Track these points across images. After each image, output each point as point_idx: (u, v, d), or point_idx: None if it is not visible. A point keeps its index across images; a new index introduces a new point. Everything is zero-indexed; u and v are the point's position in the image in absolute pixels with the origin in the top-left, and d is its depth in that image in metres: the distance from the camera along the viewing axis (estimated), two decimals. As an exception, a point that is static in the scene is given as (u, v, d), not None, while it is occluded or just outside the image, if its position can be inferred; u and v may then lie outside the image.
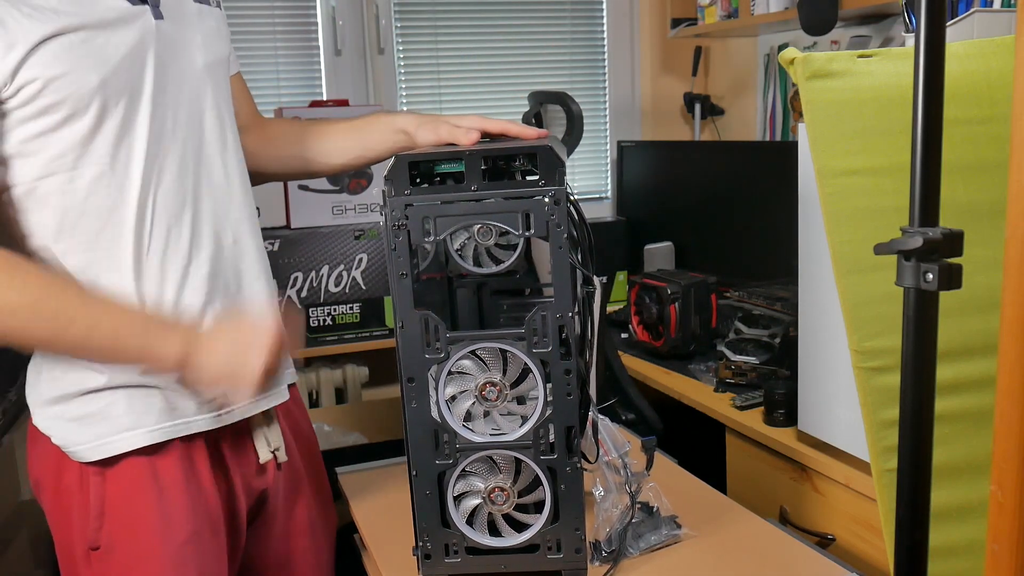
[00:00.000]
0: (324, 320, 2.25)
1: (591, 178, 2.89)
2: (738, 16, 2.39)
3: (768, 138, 2.65)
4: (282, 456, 1.19)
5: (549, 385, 1.03)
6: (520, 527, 1.08)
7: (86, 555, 1.08)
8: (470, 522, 1.08)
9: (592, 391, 1.14)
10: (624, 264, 2.63)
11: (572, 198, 1.05)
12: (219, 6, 1.20)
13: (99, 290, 1.04)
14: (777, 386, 1.65)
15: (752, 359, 1.82)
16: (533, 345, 1.02)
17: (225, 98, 1.17)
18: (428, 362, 1.04)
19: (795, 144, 1.68)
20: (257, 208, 2.33)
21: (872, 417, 1.08)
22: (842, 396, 1.44)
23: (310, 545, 1.25)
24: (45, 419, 1.09)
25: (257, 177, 1.34)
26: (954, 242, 0.74)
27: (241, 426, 1.15)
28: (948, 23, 1.04)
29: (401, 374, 1.05)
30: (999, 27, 1.42)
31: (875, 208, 1.07)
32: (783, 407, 1.63)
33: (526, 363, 1.03)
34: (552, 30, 2.76)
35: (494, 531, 1.08)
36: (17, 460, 1.88)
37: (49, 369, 1.08)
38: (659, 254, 2.54)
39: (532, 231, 1.01)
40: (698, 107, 2.78)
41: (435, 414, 1.05)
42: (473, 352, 1.03)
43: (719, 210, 2.44)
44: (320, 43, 2.54)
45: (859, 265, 1.07)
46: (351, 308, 2.27)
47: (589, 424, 1.13)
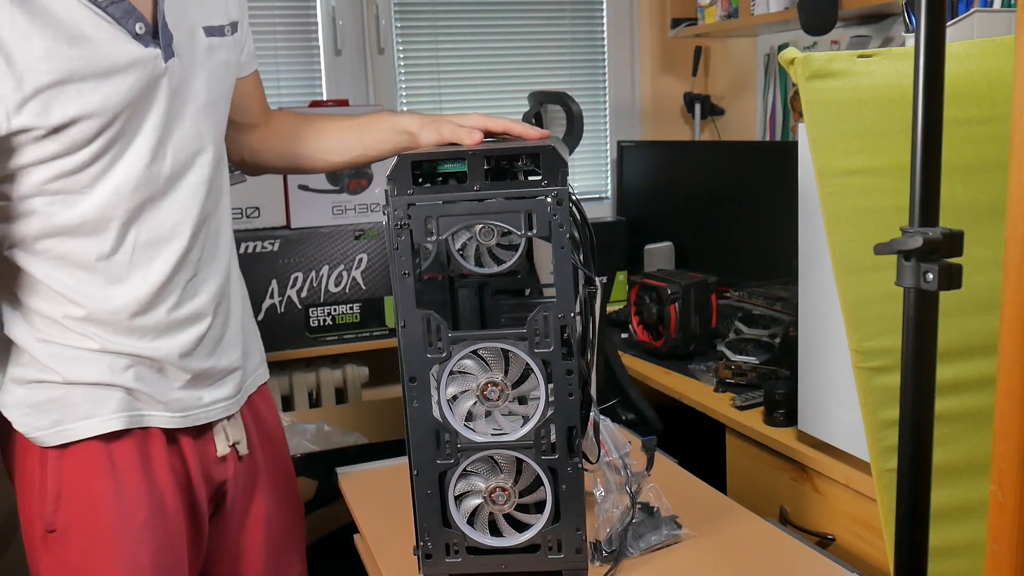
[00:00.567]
0: (324, 320, 2.25)
1: (591, 178, 2.89)
2: (738, 16, 2.39)
3: (768, 138, 2.65)
4: (242, 449, 1.22)
5: (551, 385, 1.04)
6: (521, 527, 1.08)
7: (43, 538, 1.10)
8: (471, 522, 1.08)
9: (592, 391, 1.14)
10: (624, 264, 2.63)
11: (574, 198, 1.05)
12: (235, 30, 1.18)
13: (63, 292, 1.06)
14: (777, 386, 1.65)
15: (752, 359, 1.82)
16: (535, 345, 1.02)
17: (221, 127, 1.18)
18: (430, 362, 1.04)
19: (795, 144, 1.68)
20: (258, 208, 2.33)
21: (872, 417, 1.08)
22: (842, 396, 1.44)
23: (265, 539, 1.27)
24: (8, 405, 1.11)
25: (257, 169, 1.36)
26: (954, 242, 0.74)
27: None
28: (948, 23, 1.04)
29: (403, 374, 1.05)
30: (999, 27, 1.42)
31: (875, 208, 1.08)
32: (783, 407, 1.63)
33: (528, 363, 1.03)
34: (552, 30, 2.76)
35: (495, 531, 1.08)
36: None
37: (15, 356, 1.10)
38: (659, 254, 2.54)
39: (534, 231, 1.01)
40: (698, 107, 2.78)
41: (436, 414, 1.06)
42: (475, 352, 1.04)
43: (719, 210, 2.44)
44: (320, 43, 2.54)
45: (859, 265, 1.07)
46: (351, 308, 2.27)
47: (590, 424, 1.13)
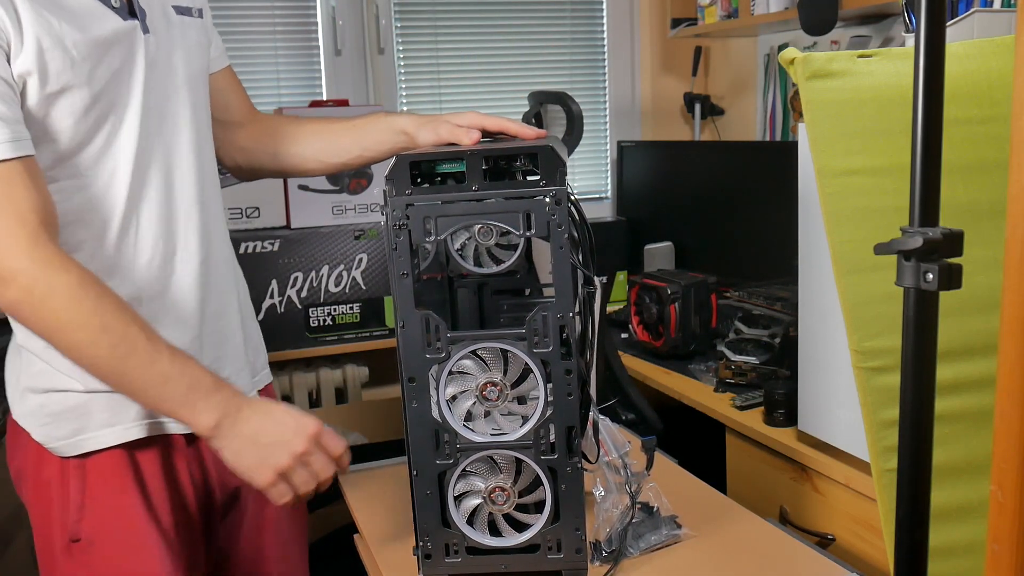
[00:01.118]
0: (324, 320, 2.25)
1: (591, 178, 2.89)
2: (738, 16, 2.39)
3: (768, 138, 2.65)
4: None
5: (550, 385, 1.03)
6: (520, 527, 1.08)
7: (66, 547, 1.10)
8: (470, 522, 1.08)
9: (592, 391, 1.14)
10: (624, 264, 2.63)
11: (573, 198, 1.05)
12: (201, 15, 1.21)
13: None
14: (777, 386, 1.65)
15: (752, 359, 1.82)
16: (534, 345, 1.02)
17: (204, 107, 1.19)
18: (429, 362, 1.04)
19: (795, 144, 1.68)
20: (258, 208, 2.33)
21: (872, 417, 1.08)
22: (842, 396, 1.44)
23: (277, 540, 1.28)
24: (24, 415, 1.10)
25: (252, 173, 1.35)
26: (954, 242, 0.74)
27: None
28: (948, 23, 1.04)
29: (402, 374, 1.05)
30: (999, 27, 1.42)
31: (875, 208, 1.08)
32: (783, 407, 1.63)
33: (527, 363, 1.03)
34: (552, 30, 2.76)
35: (494, 531, 1.08)
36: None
37: (28, 365, 1.09)
38: (659, 254, 2.54)
39: (533, 231, 1.01)
40: (698, 107, 2.78)
41: (436, 414, 1.05)
42: (474, 352, 1.03)
43: (719, 210, 2.44)
44: (320, 43, 2.54)
45: (859, 265, 1.07)
46: (351, 308, 2.27)
47: (589, 424, 1.13)
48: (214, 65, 1.26)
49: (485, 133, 1.16)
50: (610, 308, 2.44)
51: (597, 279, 1.12)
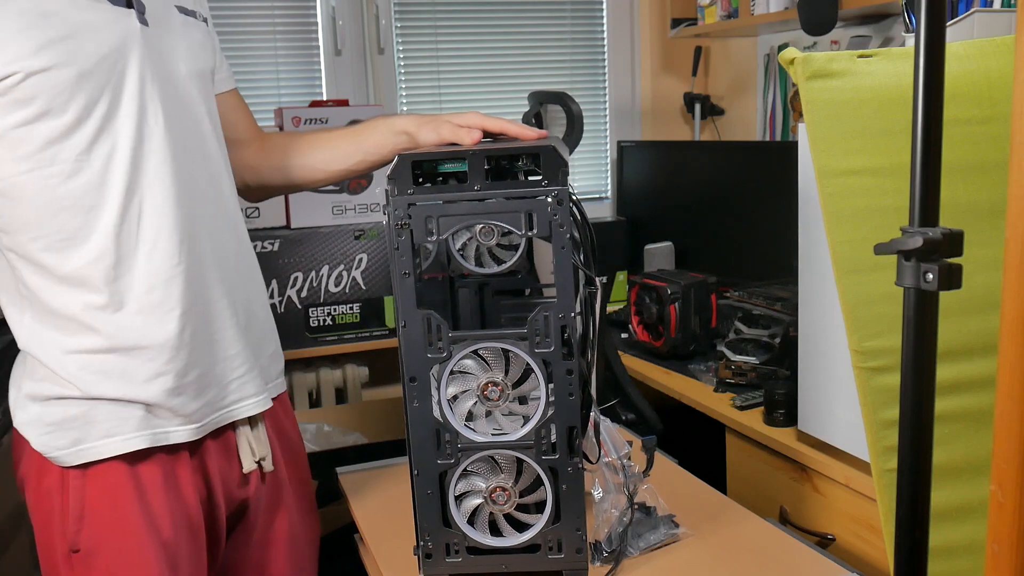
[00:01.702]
0: (324, 320, 2.25)
1: (591, 178, 2.89)
2: (738, 16, 2.39)
3: (768, 138, 2.65)
4: (268, 466, 1.20)
5: (551, 385, 1.04)
6: (521, 527, 1.08)
7: (67, 557, 1.08)
8: (471, 522, 1.08)
9: (592, 391, 1.14)
10: (624, 264, 2.63)
11: (574, 198, 1.05)
12: (206, 21, 1.20)
13: (68, 292, 1.03)
14: (777, 386, 1.65)
15: (752, 359, 1.82)
16: (535, 345, 1.02)
17: (211, 107, 1.17)
18: (430, 362, 1.04)
19: (795, 144, 1.68)
20: (258, 208, 2.33)
21: (872, 417, 1.08)
22: (842, 396, 1.44)
23: (288, 554, 1.25)
24: (24, 423, 1.09)
25: (262, 191, 1.35)
26: (954, 242, 0.74)
27: (228, 435, 1.16)
28: (948, 23, 1.04)
29: (403, 374, 1.05)
30: (999, 27, 1.42)
31: (875, 208, 1.08)
32: (783, 407, 1.63)
33: (528, 363, 1.03)
34: (552, 30, 2.76)
35: (495, 531, 1.08)
36: (17, 460, 1.88)
37: (32, 371, 1.08)
38: (659, 254, 2.54)
39: (535, 231, 1.01)
40: (698, 107, 2.78)
41: (437, 414, 1.06)
42: (475, 352, 1.04)
43: (719, 210, 2.44)
44: (320, 43, 2.54)
45: (859, 265, 1.07)
46: (351, 308, 2.27)
47: (590, 424, 1.13)
48: (222, 86, 1.25)
49: (486, 134, 1.16)
50: (610, 308, 2.44)
51: (598, 279, 1.12)
